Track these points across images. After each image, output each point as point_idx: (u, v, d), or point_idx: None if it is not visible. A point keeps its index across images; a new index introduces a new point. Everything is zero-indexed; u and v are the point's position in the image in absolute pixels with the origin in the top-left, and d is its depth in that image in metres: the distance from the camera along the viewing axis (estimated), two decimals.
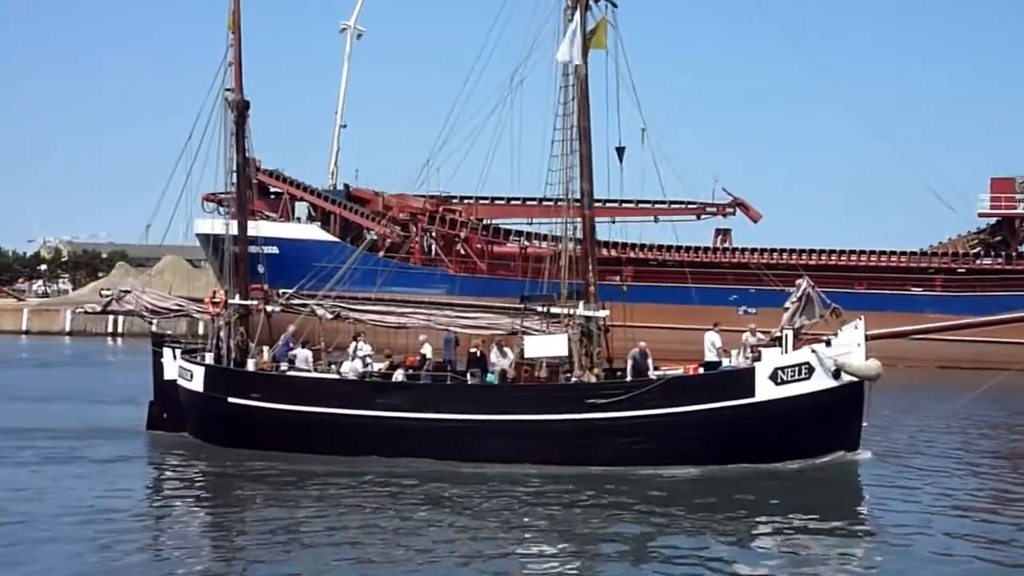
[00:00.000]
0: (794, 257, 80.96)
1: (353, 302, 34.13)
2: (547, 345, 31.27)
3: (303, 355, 33.09)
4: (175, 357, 34.81)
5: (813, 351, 29.95)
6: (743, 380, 30.08)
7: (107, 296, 36.96)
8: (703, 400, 29.94)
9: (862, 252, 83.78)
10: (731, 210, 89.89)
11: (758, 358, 31.22)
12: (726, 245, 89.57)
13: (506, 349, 32.06)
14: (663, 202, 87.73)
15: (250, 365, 33.62)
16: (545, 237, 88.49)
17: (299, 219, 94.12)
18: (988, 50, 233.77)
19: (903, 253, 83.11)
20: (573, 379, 31.23)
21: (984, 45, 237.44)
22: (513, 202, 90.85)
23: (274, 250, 59.52)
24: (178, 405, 34.76)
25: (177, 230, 60.03)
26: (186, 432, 34.71)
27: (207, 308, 34.64)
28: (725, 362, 32.04)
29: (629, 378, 31.17)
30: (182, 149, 34.58)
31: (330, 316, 33.84)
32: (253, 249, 35.41)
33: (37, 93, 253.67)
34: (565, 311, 32.23)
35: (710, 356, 31.87)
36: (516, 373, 31.89)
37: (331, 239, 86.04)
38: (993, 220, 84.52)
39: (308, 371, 32.85)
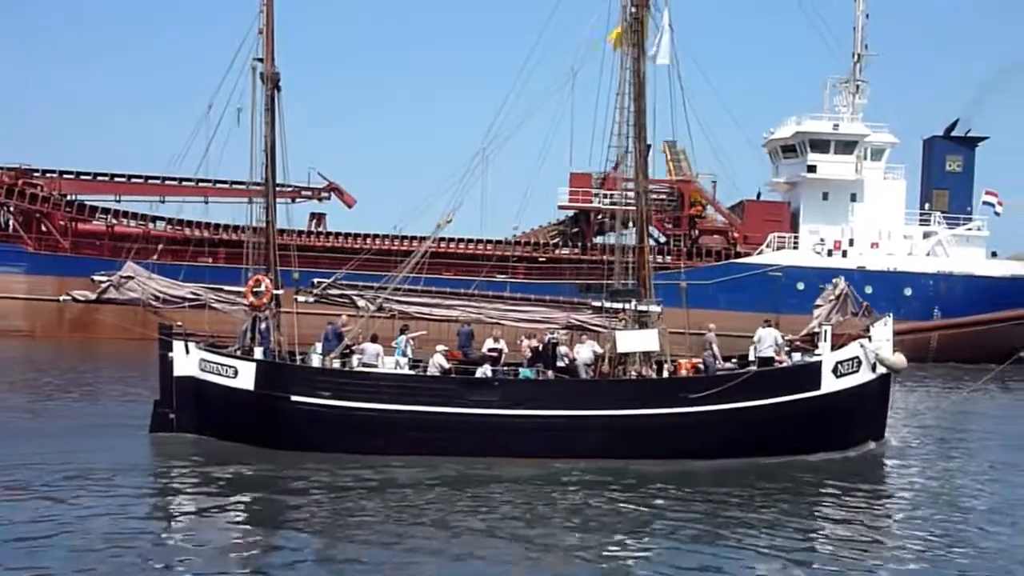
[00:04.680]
0: (387, 243, 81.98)
1: (397, 293, 32.66)
2: (639, 339, 31.79)
3: (373, 350, 31.34)
4: (187, 351, 31.52)
5: (861, 346, 32.62)
6: (813, 373, 32.18)
7: (104, 282, 32.39)
8: (783, 393, 31.79)
9: (451, 239, 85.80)
10: (326, 194, 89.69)
11: (790, 353, 33.58)
12: (320, 229, 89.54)
13: (592, 343, 32.22)
14: (259, 184, 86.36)
15: (315, 360, 31.42)
16: (136, 216, 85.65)
17: None
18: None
19: (489, 241, 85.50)
20: (633, 374, 32.00)
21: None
22: (100, 178, 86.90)
23: None
24: (192, 404, 31.63)
25: None
26: (204, 434, 31.62)
27: (247, 298, 31.77)
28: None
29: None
30: (198, 123, 31.60)
31: (372, 308, 32.23)
32: None
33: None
34: (620, 306, 32.93)
35: (767, 352, 33.32)
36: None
37: None
38: (571, 212, 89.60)
39: (377, 366, 31.27)
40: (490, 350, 32.35)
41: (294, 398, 30.60)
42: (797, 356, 33.36)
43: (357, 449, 29.82)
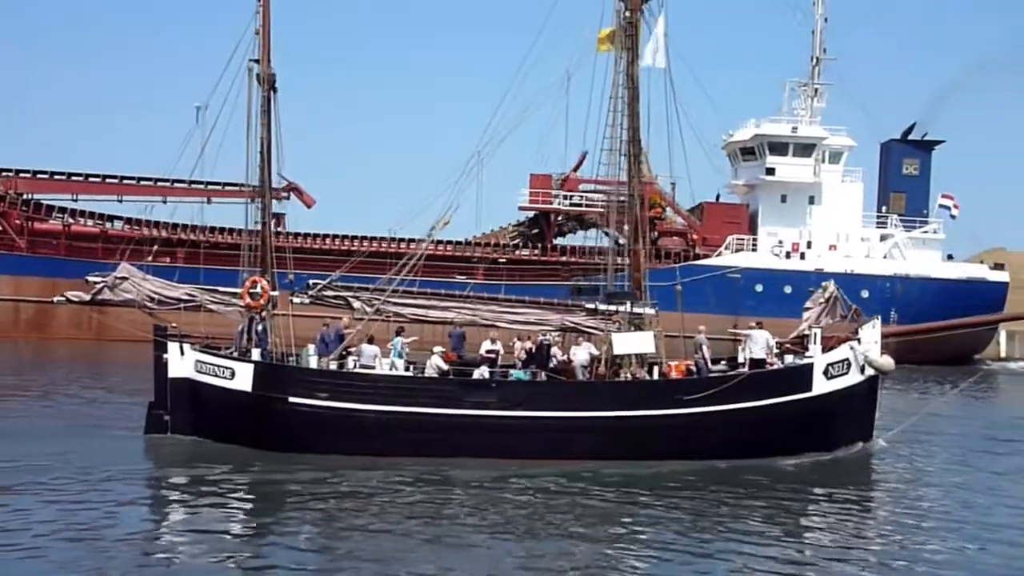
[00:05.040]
0: (346, 243, 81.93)
1: (393, 295, 32.66)
2: (635, 342, 32.01)
3: (370, 351, 31.32)
4: (182, 352, 31.35)
5: (851, 348, 33.02)
6: (805, 375, 32.53)
7: (98, 283, 31.98)
8: (776, 394, 32.12)
9: (411, 240, 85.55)
10: (285, 194, 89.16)
11: (780, 355, 33.90)
12: (279, 229, 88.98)
13: (588, 345, 32.41)
14: (217, 184, 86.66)
15: (312, 362, 31.34)
16: (93, 215, 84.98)
17: None
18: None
19: (449, 242, 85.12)
20: (627, 376, 32.21)
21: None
22: (57, 177, 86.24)
23: None
24: (187, 406, 31.40)
25: None
26: (200, 436, 31.44)
27: (243, 299, 31.64)
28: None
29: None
30: (194, 124, 31.48)
31: (368, 310, 32.23)
32: None
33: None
34: (613, 308, 33.17)
35: (759, 354, 33.59)
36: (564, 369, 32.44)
37: None
38: (531, 213, 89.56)
39: (374, 368, 31.27)
40: (488, 351, 32.40)
41: (292, 399, 30.52)
42: (789, 358, 33.62)
43: (355, 451, 29.83)
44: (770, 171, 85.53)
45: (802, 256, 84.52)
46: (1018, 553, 22.26)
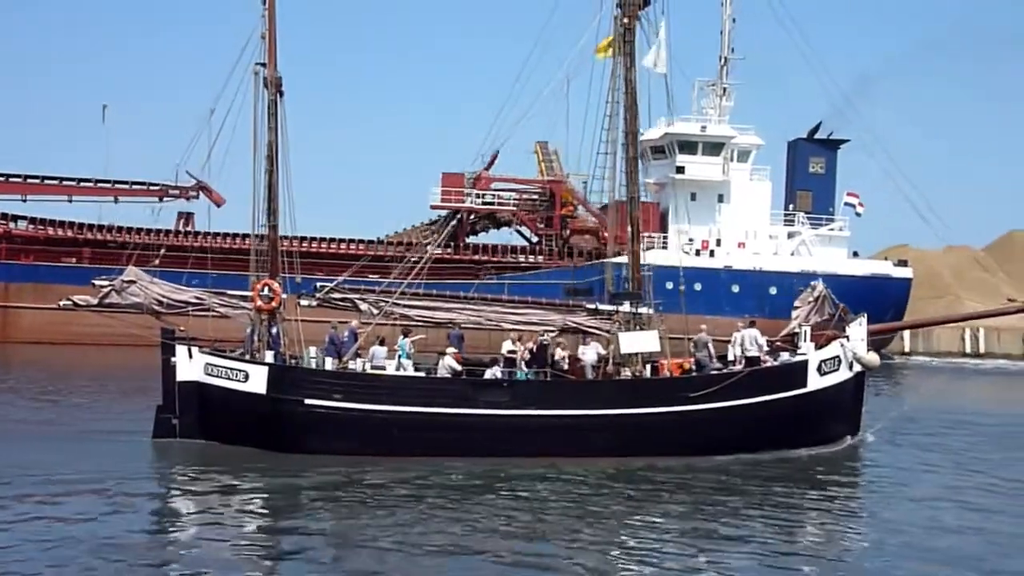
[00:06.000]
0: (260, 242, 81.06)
1: (400, 297, 32.85)
2: (641, 341, 32.60)
3: (381, 352, 31.49)
4: (191, 356, 31.16)
5: (841, 345, 34.02)
6: (801, 372, 33.45)
7: (106, 286, 31.48)
8: (775, 390, 32.98)
9: (323, 239, 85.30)
10: (194, 193, 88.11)
11: (771, 352, 34.78)
12: (188, 229, 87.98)
13: (596, 345, 32.91)
14: (124, 182, 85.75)
15: (328, 364, 31.36)
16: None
17: None
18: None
19: (361, 241, 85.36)
20: (628, 374, 32.83)
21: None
22: None
23: None
24: (196, 409, 31.25)
25: None
26: (209, 439, 31.32)
27: (254, 302, 31.53)
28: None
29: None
30: (200, 127, 31.30)
31: (375, 312, 32.37)
32: None
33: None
34: (613, 308, 33.76)
35: (753, 351, 34.35)
36: (571, 368, 32.92)
37: None
38: (444, 212, 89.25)
39: (386, 369, 31.43)
40: (510, 352, 32.76)
41: (308, 401, 30.60)
42: (785, 356, 34.47)
43: (370, 451, 30.06)
44: (680, 170, 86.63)
45: (711, 254, 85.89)
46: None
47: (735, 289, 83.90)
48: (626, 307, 33.82)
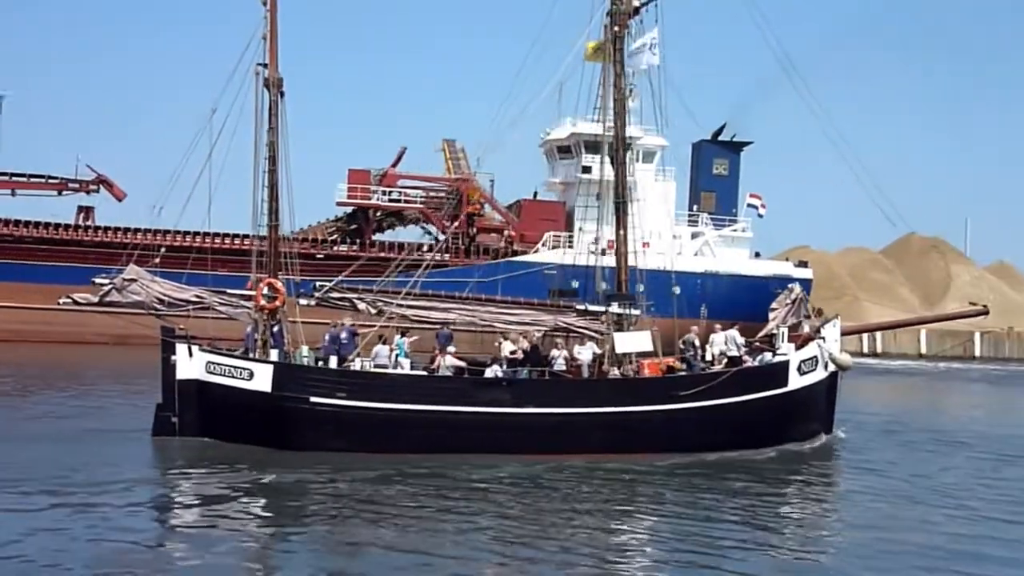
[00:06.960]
0: (159, 237, 79.67)
1: (396, 297, 33.11)
2: (635, 341, 33.34)
3: (384, 351, 31.76)
4: (191, 354, 31.07)
5: (819, 345, 35.15)
6: (782, 371, 34.48)
7: (106, 285, 31.14)
8: (758, 389, 33.97)
9: (216, 234, 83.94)
10: (95, 187, 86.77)
11: (749, 353, 35.77)
12: (88, 223, 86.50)
13: (592, 345, 33.51)
14: (22, 175, 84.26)
15: (332, 362, 31.48)
16: None
17: None
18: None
19: (263, 237, 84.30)
20: (617, 373, 33.55)
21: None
22: None
23: None
24: (196, 407, 31.25)
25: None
26: (210, 437, 31.32)
27: (257, 301, 31.50)
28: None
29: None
30: (202, 126, 31.19)
31: (372, 311, 32.63)
32: None
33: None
34: (602, 309, 34.45)
35: (732, 352, 35.26)
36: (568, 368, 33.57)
37: None
38: (350, 209, 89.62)
39: (388, 367, 31.71)
40: (512, 352, 33.19)
41: (313, 399, 30.76)
42: (768, 356, 35.43)
43: (375, 449, 30.32)
44: (586, 169, 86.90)
45: None
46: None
47: (640, 288, 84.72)
48: (615, 308, 34.41)
